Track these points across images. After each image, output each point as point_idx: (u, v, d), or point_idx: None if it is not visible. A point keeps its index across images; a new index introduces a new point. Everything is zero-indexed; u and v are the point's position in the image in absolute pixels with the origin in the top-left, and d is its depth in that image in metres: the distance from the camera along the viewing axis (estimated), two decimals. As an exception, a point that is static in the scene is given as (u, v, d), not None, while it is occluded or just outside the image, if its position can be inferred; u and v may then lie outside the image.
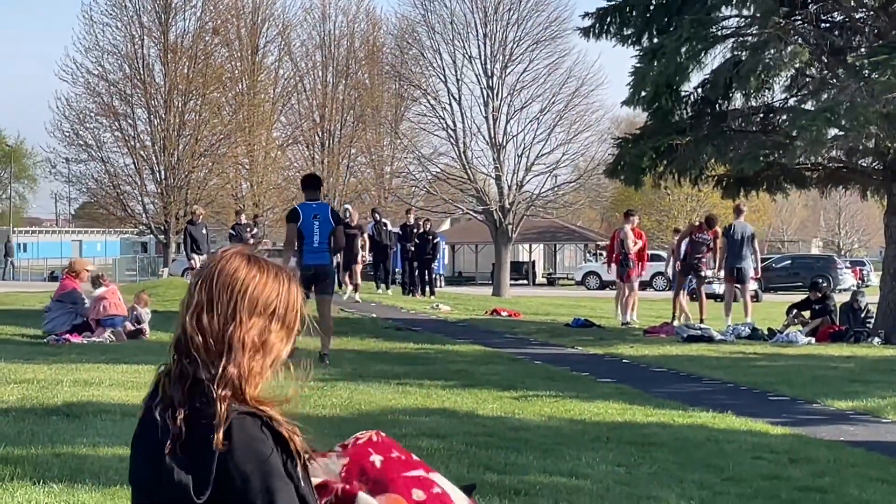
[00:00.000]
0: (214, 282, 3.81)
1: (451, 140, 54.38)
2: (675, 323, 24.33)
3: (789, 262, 63.92)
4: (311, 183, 18.42)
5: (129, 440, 4.08)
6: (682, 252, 26.07)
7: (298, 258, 17.41)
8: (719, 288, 48.72)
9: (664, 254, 49.25)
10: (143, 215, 58.94)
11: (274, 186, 61.28)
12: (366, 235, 32.76)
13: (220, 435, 3.64)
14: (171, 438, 3.75)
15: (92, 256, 70.46)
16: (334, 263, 19.82)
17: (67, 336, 18.89)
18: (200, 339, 3.74)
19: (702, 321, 24.76)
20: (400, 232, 37.07)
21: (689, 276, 26.50)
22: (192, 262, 31.24)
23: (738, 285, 25.30)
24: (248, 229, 35.03)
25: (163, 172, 56.87)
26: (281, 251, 22.61)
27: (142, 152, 57.22)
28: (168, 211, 56.18)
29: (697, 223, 26.60)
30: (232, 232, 34.09)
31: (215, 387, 3.70)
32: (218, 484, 3.68)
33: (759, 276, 28.51)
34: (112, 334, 19.17)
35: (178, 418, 3.74)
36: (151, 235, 62.00)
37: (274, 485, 3.69)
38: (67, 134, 57.49)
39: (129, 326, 19.65)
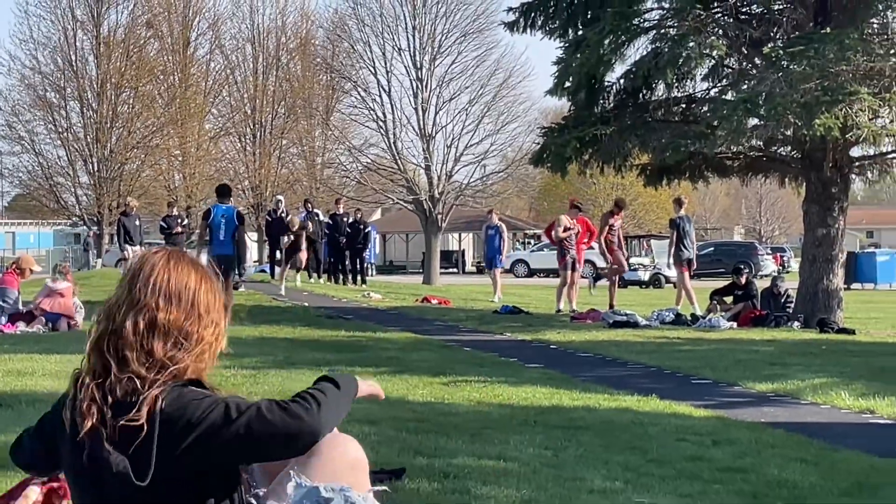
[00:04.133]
0: (139, 280, 4.03)
1: (382, 131, 54.56)
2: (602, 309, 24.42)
3: (712, 249, 64.35)
4: (222, 191, 23.43)
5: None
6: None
7: (209, 248, 21.96)
8: (644, 275, 49.24)
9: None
10: (77, 207, 58.65)
11: (206, 178, 60.95)
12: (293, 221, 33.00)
13: (144, 410, 3.74)
14: (102, 433, 3.79)
15: (25, 248, 69.94)
16: (235, 254, 22.42)
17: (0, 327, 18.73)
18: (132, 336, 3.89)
19: (611, 306, 24.92)
20: (330, 222, 37.00)
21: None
22: (126, 252, 31.14)
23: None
24: (179, 220, 34.91)
25: (96, 164, 56.79)
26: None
27: (75, 144, 57.14)
28: (101, 202, 55.95)
29: (611, 210, 26.70)
30: (163, 224, 33.91)
31: (146, 373, 3.80)
32: (169, 459, 3.76)
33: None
34: (47, 327, 19.02)
35: (103, 411, 3.80)
36: (85, 227, 61.65)
37: (239, 408, 3.85)
38: (1, 127, 57.18)
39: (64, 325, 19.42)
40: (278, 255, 36.02)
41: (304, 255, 31.56)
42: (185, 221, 39.48)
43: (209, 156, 62.81)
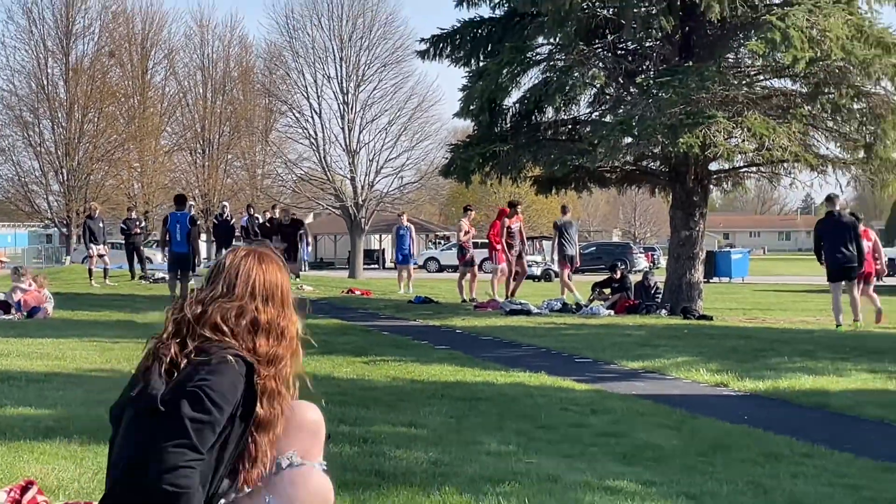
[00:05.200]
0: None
1: (313, 147, 55.08)
2: (500, 299, 24.47)
3: (594, 248, 64.77)
4: (179, 200, 24.42)
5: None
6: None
7: (169, 248, 22.92)
8: (537, 270, 49.28)
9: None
10: (49, 211, 58.23)
11: (161, 187, 61.05)
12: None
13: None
14: (161, 366, 3.88)
15: (3, 247, 69.50)
16: (190, 252, 22.42)
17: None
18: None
19: (509, 296, 24.97)
20: (268, 224, 36.86)
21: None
22: (90, 251, 30.93)
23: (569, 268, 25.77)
24: (137, 223, 34.61)
25: (65, 174, 56.53)
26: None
27: (47, 157, 57.00)
28: (70, 207, 55.66)
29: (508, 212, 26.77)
30: (123, 226, 33.56)
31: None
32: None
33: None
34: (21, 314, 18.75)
35: (174, 351, 3.90)
36: (55, 228, 61.41)
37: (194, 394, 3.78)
38: (-16, 142, 57.11)
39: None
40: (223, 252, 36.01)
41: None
42: (143, 224, 39.49)
43: (164, 168, 62.67)
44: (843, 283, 19.96)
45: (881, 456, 7.93)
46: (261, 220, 37.23)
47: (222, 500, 4.04)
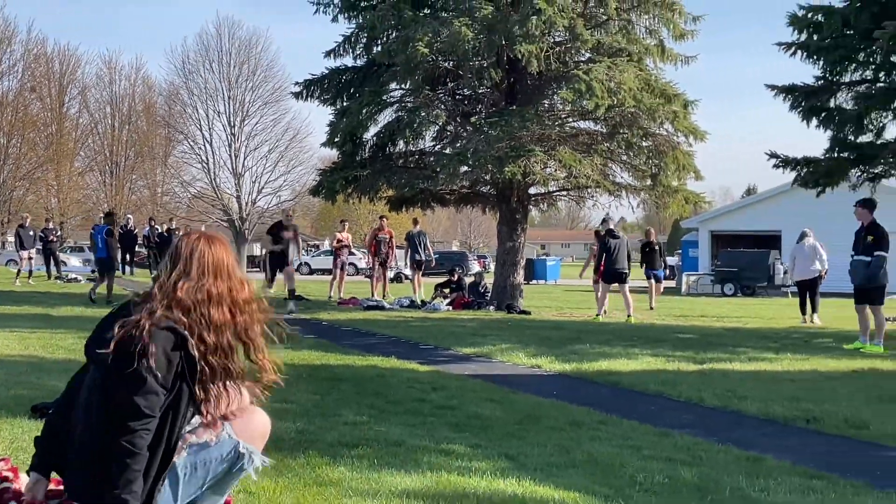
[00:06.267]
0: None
1: (205, 170, 55.05)
2: (361, 297, 24.44)
3: (437, 255, 64.92)
4: (106, 215, 23.98)
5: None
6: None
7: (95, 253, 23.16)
8: (390, 273, 49.21)
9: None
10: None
11: (75, 202, 60.13)
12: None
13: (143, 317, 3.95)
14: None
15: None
16: (109, 257, 22.22)
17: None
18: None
19: (384, 296, 24.99)
20: (166, 234, 36.38)
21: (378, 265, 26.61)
22: (20, 254, 30.56)
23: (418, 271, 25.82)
24: (54, 231, 33.91)
25: (-8, 191, 54.99)
26: (81, 248, 24.49)
27: (-24, 177, 55.25)
28: (-3, 219, 54.37)
29: (384, 226, 26.74)
30: (41, 234, 32.71)
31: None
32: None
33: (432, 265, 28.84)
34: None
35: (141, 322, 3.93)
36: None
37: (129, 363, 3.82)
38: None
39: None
40: (128, 257, 35.53)
41: None
42: (59, 233, 38.81)
43: (77, 186, 61.61)
44: (616, 284, 20.70)
45: (659, 423, 8.14)
46: (160, 231, 36.88)
47: (188, 427, 4.15)
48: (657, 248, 26.13)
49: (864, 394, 10.15)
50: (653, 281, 25.83)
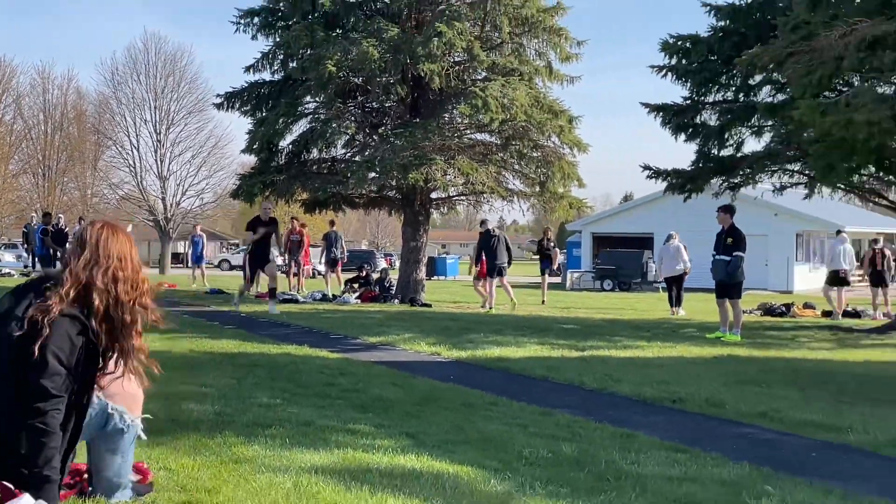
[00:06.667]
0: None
1: (132, 174, 54.18)
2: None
3: (348, 253, 64.78)
4: (44, 216, 24.75)
5: None
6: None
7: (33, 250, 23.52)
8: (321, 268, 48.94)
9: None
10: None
11: (10, 202, 58.08)
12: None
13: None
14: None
15: None
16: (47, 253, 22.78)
17: None
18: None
19: (298, 290, 24.79)
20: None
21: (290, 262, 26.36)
22: None
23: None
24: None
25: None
26: (15, 244, 24.38)
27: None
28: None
29: (296, 227, 26.50)
30: None
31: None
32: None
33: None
34: None
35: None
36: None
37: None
38: None
39: None
40: (59, 254, 34.73)
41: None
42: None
43: (12, 187, 59.72)
44: (498, 278, 20.91)
45: (544, 404, 8.22)
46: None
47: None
48: (553, 246, 26.33)
49: (723, 377, 10.41)
50: (546, 275, 25.97)
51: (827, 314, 21.93)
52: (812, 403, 8.70)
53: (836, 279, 22.16)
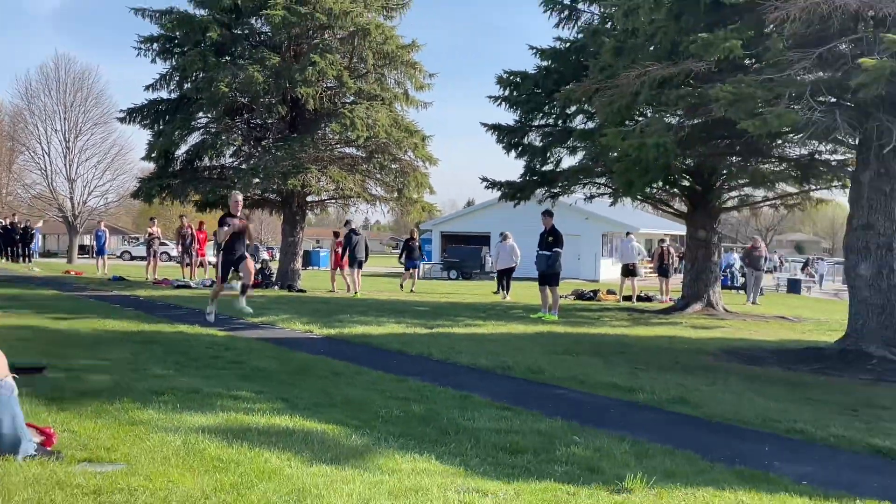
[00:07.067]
0: None
1: (44, 176, 51.66)
2: (182, 279, 23.41)
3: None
4: None
5: None
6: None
7: None
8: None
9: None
10: None
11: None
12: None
13: None
14: None
15: None
16: None
17: None
18: None
19: (191, 277, 24.03)
20: (9, 226, 33.89)
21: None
22: None
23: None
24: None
25: None
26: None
27: None
28: None
29: (185, 223, 25.69)
30: None
31: None
32: None
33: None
34: None
35: None
36: None
37: None
38: None
39: None
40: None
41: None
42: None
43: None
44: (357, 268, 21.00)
45: (398, 372, 8.26)
46: (3, 224, 34.36)
47: None
48: (417, 244, 26.30)
49: (543, 349, 10.68)
50: (412, 270, 25.89)
51: (627, 298, 22.78)
52: (612, 370, 9.03)
53: (628, 271, 23.15)
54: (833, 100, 10.62)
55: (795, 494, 4.43)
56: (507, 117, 24.29)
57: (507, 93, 19.33)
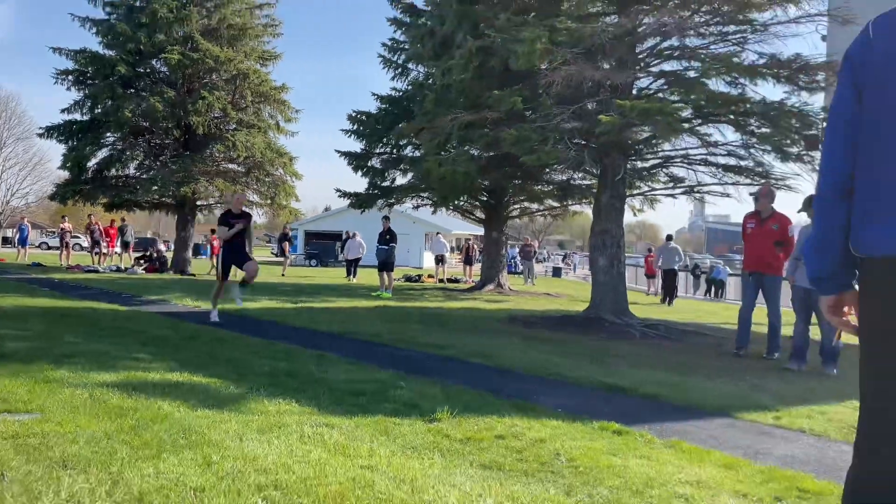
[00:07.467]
0: None
1: None
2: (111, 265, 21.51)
3: (138, 239, 58.91)
4: None
5: None
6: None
7: None
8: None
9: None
10: None
11: None
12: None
13: None
14: None
15: None
16: None
17: None
18: None
19: (99, 264, 22.15)
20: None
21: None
22: None
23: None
24: None
25: None
26: None
27: None
28: None
29: (93, 220, 23.66)
30: None
31: None
32: None
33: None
34: None
35: None
36: None
37: None
38: None
39: None
40: None
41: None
42: None
43: None
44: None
45: (270, 338, 8.00)
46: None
47: None
48: (289, 237, 25.52)
49: (381, 319, 10.70)
50: (284, 257, 25.11)
51: (453, 281, 23.23)
52: (431, 333, 9.18)
53: (438, 260, 23.77)
54: (584, 142, 11.30)
55: (553, 418, 4.70)
56: (356, 146, 24.19)
57: (355, 127, 19.21)
